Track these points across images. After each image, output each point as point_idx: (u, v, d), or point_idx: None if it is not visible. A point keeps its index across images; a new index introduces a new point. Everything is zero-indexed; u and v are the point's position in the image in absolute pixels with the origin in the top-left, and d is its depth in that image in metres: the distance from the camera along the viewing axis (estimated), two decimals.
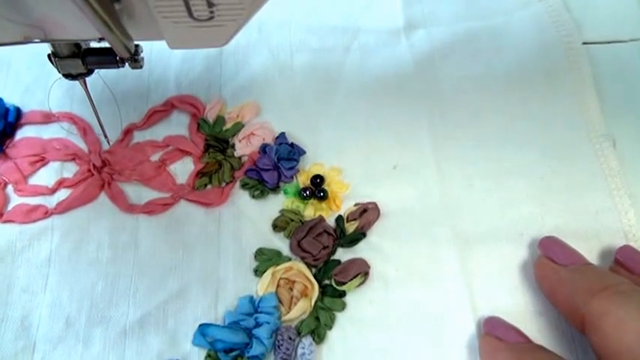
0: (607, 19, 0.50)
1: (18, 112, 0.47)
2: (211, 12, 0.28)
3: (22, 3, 0.29)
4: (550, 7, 0.51)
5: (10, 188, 0.44)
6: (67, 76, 0.39)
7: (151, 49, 0.49)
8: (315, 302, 0.40)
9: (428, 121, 0.46)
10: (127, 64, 0.36)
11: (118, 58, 0.37)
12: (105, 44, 0.34)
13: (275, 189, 0.44)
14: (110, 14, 0.29)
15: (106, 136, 0.45)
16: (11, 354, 0.39)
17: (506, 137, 0.45)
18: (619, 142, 0.44)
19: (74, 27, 0.31)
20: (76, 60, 0.37)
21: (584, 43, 0.49)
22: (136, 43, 0.35)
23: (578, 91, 0.47)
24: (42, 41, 0.33)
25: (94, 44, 0.37)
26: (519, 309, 0.40)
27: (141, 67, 0.36)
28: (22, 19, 0.30)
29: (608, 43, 0.49)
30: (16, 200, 0.44)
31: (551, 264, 0.38)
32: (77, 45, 0.37)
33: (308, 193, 0.43)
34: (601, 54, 0.49)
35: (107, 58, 0.37)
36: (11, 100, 0.47)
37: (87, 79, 0.40)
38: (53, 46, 0.36)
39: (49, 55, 0.37)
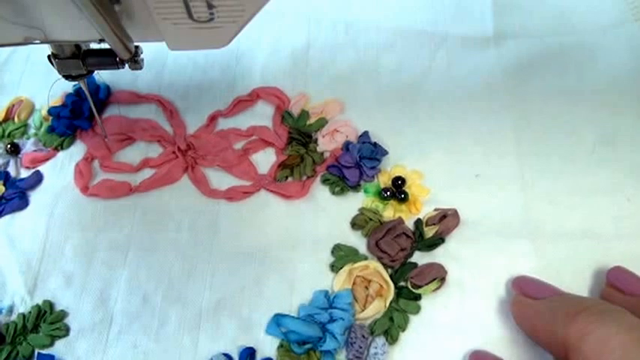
0: None
1: (108, 90, 0.48)
2: (211, 13, 0.28)
3: (23, 4, 0.29)
4: None
5: (96, 163, 0.45)
6: (67, 77, 0.38)
7: (239, 39, 0.49)
8: (390, 303, 0.40)
9: (514, 132, 0.46)
10: (126, 65, 0.36)
11: (117, 59, 0.36)
12: (105, 45, 0.34)
13: (356, 187, 0.44)
14: (110, 15, 0.29)
15: (106, 136, 0.46)
16: (89, 324, 0.40)
17: (594, 154, 0.45)
18: None
19: (74, 28, 0.31)
20: (76, 61, 0.37)
21: None
22: (135, 44, 0.34)
23: None
24: (42, 42, 0.33)
25: (94, 45, 0.37)
26: None
27: (140, 68, 0.36)
28: (23, 21, 0.30)
29: None
30: (101, 175, 0.45)
31: (526, 299, 0.38)
32: (77, 46, 0.37)
33: (389, 193, 0.43)
34: None
35: (107, 60, 0.37)
36: (102, 78, 0.48)
37: (182, 62, 0.40)
38: (53, 47, 0.36)
39: (49, 56, 0.37)
